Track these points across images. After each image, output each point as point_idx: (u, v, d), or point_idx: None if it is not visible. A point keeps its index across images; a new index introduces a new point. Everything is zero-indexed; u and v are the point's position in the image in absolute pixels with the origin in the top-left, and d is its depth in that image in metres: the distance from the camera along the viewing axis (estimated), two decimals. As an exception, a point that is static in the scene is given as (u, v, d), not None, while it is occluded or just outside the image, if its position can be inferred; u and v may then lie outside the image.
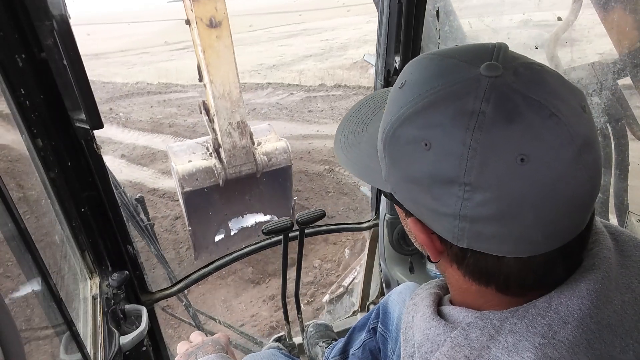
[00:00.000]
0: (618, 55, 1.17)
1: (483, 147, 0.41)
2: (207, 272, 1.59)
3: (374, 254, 2.01)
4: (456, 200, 0.43)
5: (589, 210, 0.45)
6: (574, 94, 0.44)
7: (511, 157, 0.40)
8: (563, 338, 0.44)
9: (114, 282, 1.21)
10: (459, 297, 0.56)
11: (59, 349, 0.99)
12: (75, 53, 0.87)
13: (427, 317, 0.54)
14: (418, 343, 0.53)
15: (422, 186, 0.46)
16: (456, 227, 0.45)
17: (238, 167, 5.48)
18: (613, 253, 0.49)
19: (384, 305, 1.16)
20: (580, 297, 0.45)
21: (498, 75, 0.42)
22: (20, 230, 0.79)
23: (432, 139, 0.44)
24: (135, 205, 1.89)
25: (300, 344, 1.80)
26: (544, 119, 0.40)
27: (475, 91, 0.42)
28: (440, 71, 0.46)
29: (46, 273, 0.87)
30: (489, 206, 0.42)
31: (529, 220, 0.42)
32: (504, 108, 0.41)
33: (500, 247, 0.45)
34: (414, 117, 0.46)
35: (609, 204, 1.28)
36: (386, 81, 1.55)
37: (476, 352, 0.46)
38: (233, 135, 5.42)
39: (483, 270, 0.48)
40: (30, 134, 1.00)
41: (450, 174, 0.43)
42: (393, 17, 1.41)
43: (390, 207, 1.53)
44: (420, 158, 0.45)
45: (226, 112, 5.34)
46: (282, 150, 5.84)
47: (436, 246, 0.52)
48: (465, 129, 0.42)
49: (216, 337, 1.00)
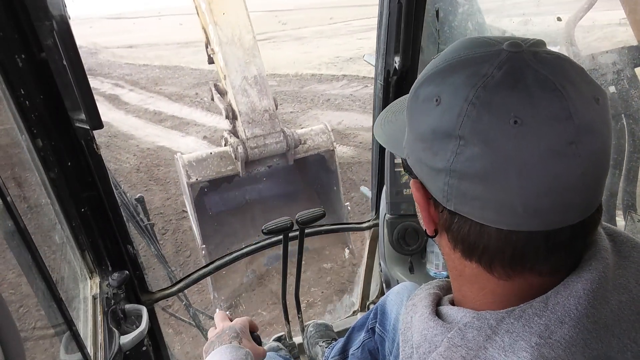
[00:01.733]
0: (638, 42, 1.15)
1: (481, 103, 0.43)
2: (207, 272, 1.60)
3: (374, 254, 2.01)
4: (450, 154, 0.45)
5: (577, 201, 0.44)
6: (591, 86, 0.44)
7: (505, 117, 0.42)
8: (560, 338, 0.44)
9: (114, 282, 1.22)
10: (457, 285, 0.57)
11: (59, 349, 0.99)
12: (75, 53, 0.87)
13: (425, 317, 0.54)
14: (416, 344, 0.53)
15: (426, 142, 0.48)
16: (446, 185, 0.47)
17: (262, 139, 3.95)
18: (610, 254, 0.49)
19: (382, 305, 1.17)
20: (577, 297, 0.45)
21: (518, 52, 0.45)
22: (20, 230, 0.79)
23: (442, 94, 0.46)
24: (135, 205, 1.89)
25: (300, 343, 1.80)
26: (546, 91, 0.42)
27: (492, 60, 0.45)
28: (471, 44, 0.49)
29: (46, 273, 0.87)
30: (477, 162, 0.43)
31: (511, 185, 0.42)
32: (511, 75, 0.43)
33: (482, 212, 0.46)
34: (434, 77, 0.49)
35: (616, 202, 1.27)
36: (386, 81, 1.55)
37: (473, 352, 0.46)
38: (250, 94, 3.96)
39: (465, 238, 0.49)
40: (30, 134, 1.00)
41: (448, 127, 0.45)
42: (393, 17, 1.41)
43: (390, 207, 1.53)
44: (430, 113, 0.47)
45: (238, 63, 3.94)
46: (320, 131, 4.37)
47: (431, 213, 0.53)
48: (472, 87, 0.44)
49: (233, 324, 0.98)
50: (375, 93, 1.64)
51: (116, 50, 17.67)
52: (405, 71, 1.49)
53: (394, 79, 1.52)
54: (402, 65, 1.47)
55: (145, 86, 12.97)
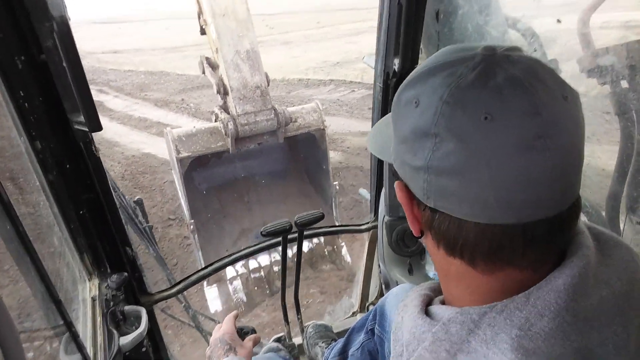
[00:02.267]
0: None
1: (454, 101, 0.45)
2: (207, 273, 1.60)
3: (373, 256, 2.01)
4: (427, 152, 0.47)
5: (549, 195, 0.45)
6: (560, 85, 0.47)
7: (477, 114, 0.44)
8: (539, 330, 0.45)
9: (113, 284, 1.22)
10: (445, 285, 0.58)
11: (58, 350, 0.99)
12: (75, 55, 0.86)
13: (414, 316, 0.56)
14: (406, 342, 0.55)
15: (408, 144, 0.51)
16: (425, 182, 0.49)
17: (252, 116, 3.92)
18: (593, 252, 0.51)
19: (381, 306, 1.17)
20: (557, 291, 0.46)
21: (492, 54, 0.47)
22: (19, 232, 0.79)
23: (421, 96, 0.49)
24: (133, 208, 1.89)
25: (300, 344, 1.80)
26: (515, 88, 0.44)
27: (467, 62, 0.47)
28: (451, 50, 0.51)
29: (45, 275, 0.87)
30: (451, 157, 0.45)
31: (484, 179, 0.44)
32: (484, 75, 0.46)
33: (460, 207, 0.47)
34: (414, 81, 0.51)
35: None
36: (385, 84, 1.55)
37: (456, 346, 0.48)
38: (242, 69, 3.89)
39: (446, 234, 0.50)
40: (29, 136, 1.00)
41: (425, 126, 0.47)
42: (393, 18, 1.41)
43: (389, 209, 1.53)
44: (410, 115, 0.50)
45: (231, 36, 3.87)
46: (311, 109, 4.41)
47: (414, 212, 0.55)
48: (446, 87, 0.46)
49: (221, 335, 1.03)
50: (375, 95, 1.64)
51: (101, 56, 17.50)
52: (405, 73, 1.49)
53: (394, 81, 1.52)
54: (402, 67, 1.47)
55: (130, 92, 12.89)
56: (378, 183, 1.80)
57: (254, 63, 3.92)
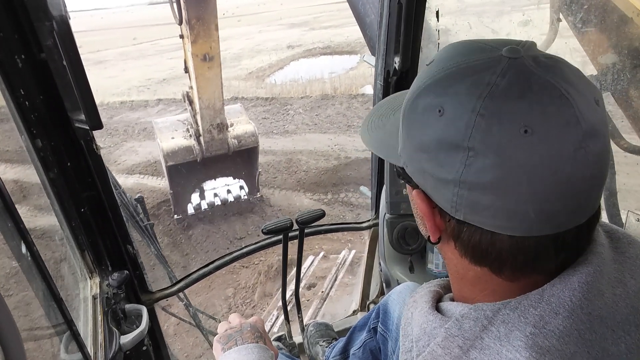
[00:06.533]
0: (597, 72, 1.20)
1: (490, 114, 0.43)
2: (207, 271, 1.60)
3: (374, 254, 2.01)
4: (459, 166, 0.45)
5: (586, 203, 0.45)
6: (590, 88, 0.45)
7: (516, 127, 0.42)
8: (554, 328, 0.44)
9: (114, 282, 1.22)
10: (457, 287, 0.58)
11: (59, 349, 1.00)
12: (75, 53, 0.87)
13: (425, 312, 0.56)
14: (416, 337, 0.54)
15: (430, 153, 0.48)
16: (455, 195, 0.46)
17: (214, 152, 6.86)
18: (607, 249, 0.50)
19: (384, 305, 1.17)
20: (572, 289, 0.46)
21: (518, 57, 0.45)
22: (20, 230, 0.79)
23: (445, 104, 0.46)
24: (135, 205, 1.89)
25: (301, 343, 1.80)
26: (553, 98, 0.42)
27: (494, 67, 0.45)
28: (466, 50, 0.49)
29: (46, 273, 0.87)
30: (488, 173, 0.43)
31: (524, 193, 0.43)
32: (517, 83, 0.43)
33: (494, 220, 0.46)
34: (433, 87, 0.48)
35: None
36: (386, 82, 1.55)
37: (469, 342, 0.47)
38: (212, 133, 6.68)
39: (477, 246, 0.49)
40: (30, 134, 1.00)
41: (456, 139, 0.44)
42: (393, 17, 1.41)
43: (390, 206, 1.53)
44: (432, 124, 0.47)
45: (209, 118, 6.53)
46: (251, 133, 7.12)
47: (436, 222, 0.53)
48: (477, 98, 0.44)
49: (253, 322, 0.97)
50: (375, 93, 1.64)
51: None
52: (405, 71, 1.49)
53: (394, 79, 1.52)
54: (402, 65, 1.46)
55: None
56: (379, 180, 1.79)
57: (221, 129, 6.69)
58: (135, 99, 12.86)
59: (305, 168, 9.05)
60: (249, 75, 15.02)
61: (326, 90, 13.76)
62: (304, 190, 8.37)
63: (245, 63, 16.98)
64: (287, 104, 12.81)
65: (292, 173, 8.95)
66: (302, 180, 8.67)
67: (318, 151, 9.70)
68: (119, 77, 15.08)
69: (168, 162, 6.61)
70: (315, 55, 20.14)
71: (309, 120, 11.63)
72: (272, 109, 12.60)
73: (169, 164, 6.62)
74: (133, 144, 10.30)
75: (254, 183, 7.88)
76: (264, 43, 21.46)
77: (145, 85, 13.75)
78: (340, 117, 11.69)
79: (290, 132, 11.03)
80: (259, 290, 5.59)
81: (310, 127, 11.22)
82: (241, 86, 13.54)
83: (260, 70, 16.81)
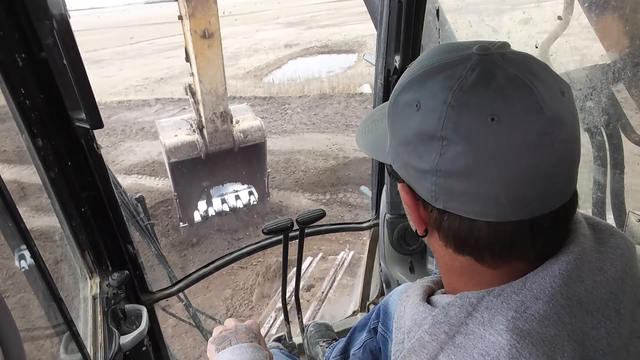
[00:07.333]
0: (610, 61, 1.19)
1: (459, 105, 0.46)
2: (207, 272, 1.59)
3: (374, 254, 2.01)
4: (435, 155, 0.48)
5: (554, 188, 0.47)
6: (556, 80, 0.48)
7: (483, 115, 0.45)
8: (534, 312, 0.47)
9: (114, 282, 1.21)
10: (447, 279, 0.60)
11: (59, 349, 0.99)
12: (75, 52, 0.86)
13: (416, 304, 0.58)
14: (407, 329, 0.57)
15: (411, 146, 0.51)
16: (433, 185, 0.50)
17: (218, 145, 6.60)
18: (589, 240, 0.53)
19: (385, 305, 1.16)
20: (552, 276, 0.48)
21: (487, 54, 0.49)
22: (20, 230, 0.79)
23: (422, 99, 0.50)
24: (135, 205, 1.89)
25: (301, 343, 1.80)
26: (517, 87, 0.46)
27: (465, 63, 0.49)
28: (443, 50, 0.52)
29: (46, 273, 0.87)
30: (461, 160, 0.46)
31: (494, 178, 0.46)
32: (484, 76, 0.47)
33: (470, 206, 0.48)
34: (411, 83, 0.52)
35: (606, 202, 1.29)
36: (386, 80, 1.55)
37: (455, 328, 0.50)
38: (216, 122, 6.41)
39: (457, 234, 0.52)
40: (30, 133, 1.00)
41: (431, 130, 0.48)
42: (393, 16, 1.41)
43: (391, 206, 1.53)
44: (411, 118, 0.51)
45: (211, 105, 6.25)
46: (257, 128, 6.82)
47: (420, 213, 0.56)
48: (449, 90, 0.47)
49: (248, 325, 1.00)
50: (376, 92, 1.64)
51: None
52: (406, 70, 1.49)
53: (394, 78, 1.52)
54: (403, 64, 1.47)
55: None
56: (379, 180, 1.79)
57: (224, 119, 6.44)
58: (133, 98, 12.76)
59: (303, 168, 9.07)
60: (246, 75, 15.02)
61: (324, 89, 13.81)
62: (303, 190, 8.38)
63: (242, 62, 17.00)
64: (285, 103, 12.83)
65: (290, 173, 8.97)
66: (301, 180, 8.69)
67: (316, 151, 9.73)
68: (117, 76, 14.98)
69: (171, 158, 6.35)
70: (313, 54, 20.18)
71: (307, 120, 11.65)
72: (270, 108, 12.62)
73: (171, 160, 6.35)
74: (131, 144, 10.30)
75: (264, 186, 7.49)
76: (261, 42, 21.52)
77: (142, 85, 13.64)
78: (339, 116, 11.72)
79: (288, 131, 11.06)
80: (257, 291, 5.60)
81: (309, 127, 11.24)
82: (239, 85, 13.54)
83: (258, 70, 16.89)
